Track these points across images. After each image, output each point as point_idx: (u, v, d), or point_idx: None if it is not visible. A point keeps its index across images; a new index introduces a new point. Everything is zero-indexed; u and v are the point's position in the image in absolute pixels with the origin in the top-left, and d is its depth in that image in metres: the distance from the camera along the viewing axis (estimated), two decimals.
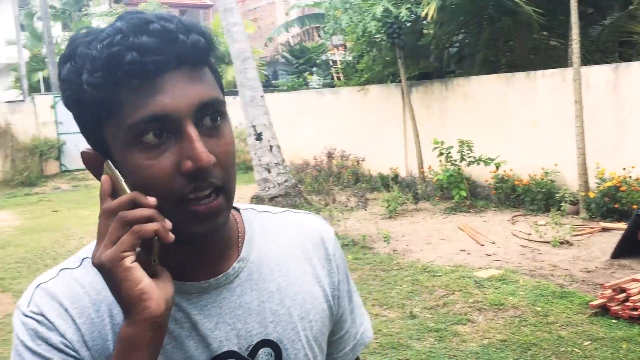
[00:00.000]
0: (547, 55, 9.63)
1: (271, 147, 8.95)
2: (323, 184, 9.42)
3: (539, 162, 8.05)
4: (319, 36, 15.53)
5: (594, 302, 4.47)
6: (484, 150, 8.31)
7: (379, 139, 10.57)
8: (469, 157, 8.33)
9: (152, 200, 0.71)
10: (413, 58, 10.49)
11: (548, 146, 8.04)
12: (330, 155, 9.82)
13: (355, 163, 10.18)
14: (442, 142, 8.44)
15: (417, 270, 5.69)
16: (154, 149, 0.72)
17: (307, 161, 11.13)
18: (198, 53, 0.74)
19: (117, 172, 0.73)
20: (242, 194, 10.96)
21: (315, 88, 14.29)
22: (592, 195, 7.17)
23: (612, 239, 6.16)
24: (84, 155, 0.78)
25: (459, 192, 8.32)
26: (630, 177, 6.98)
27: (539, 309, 4.58)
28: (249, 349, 0.84)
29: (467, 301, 4.82)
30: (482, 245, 6.50)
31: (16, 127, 14.23)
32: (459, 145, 8.37)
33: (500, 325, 4.34)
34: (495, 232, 7.05)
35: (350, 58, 13.09)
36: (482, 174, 8.64)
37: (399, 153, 10.31)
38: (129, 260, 0.69)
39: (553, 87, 8.01)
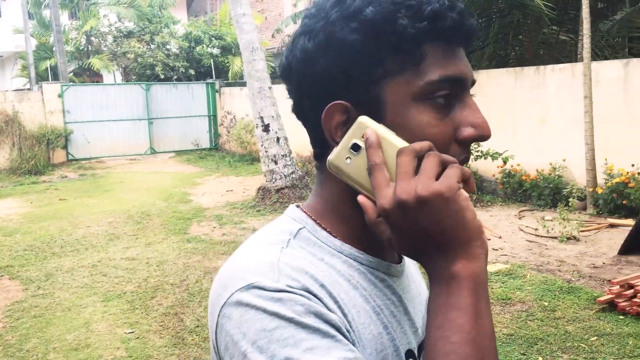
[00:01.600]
0: (557, 50, 9.59)
1: (278, 138, 8.95)
2: None
3: (546, 158, 8.04)
4: None
5: (602, 298, 4.47)
6: (491, 145, 8.29)
7: None
8: (476, 151, 8.32)
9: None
10: None
11: (556, 141, 8.02)
12: None
13: None
14: None
15: None
16: (441, 110, 0.70)
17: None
18: (474, 36, 0.74)
19: (383, 126, 0.68)
20: (248, 185, 10.98)
21: None
22: (600, 191, 7.15)
23: (619, 236, 6.16)
24: (333, 107, 0.70)
25: None
26: (639, 173, 6.96)
27: (546, 303, 4.59)
28: None
29: None
30: (489, 239, 6.50)
31: (23, 115, 14.26)
32: None
33: (507, 320, 4.35)
34: (502, 226, 7.05)
35: None
36: (489, 169, 8.63)
37: None
38: (464, 191, 0.64)
39: (562, 82, 7.98)
